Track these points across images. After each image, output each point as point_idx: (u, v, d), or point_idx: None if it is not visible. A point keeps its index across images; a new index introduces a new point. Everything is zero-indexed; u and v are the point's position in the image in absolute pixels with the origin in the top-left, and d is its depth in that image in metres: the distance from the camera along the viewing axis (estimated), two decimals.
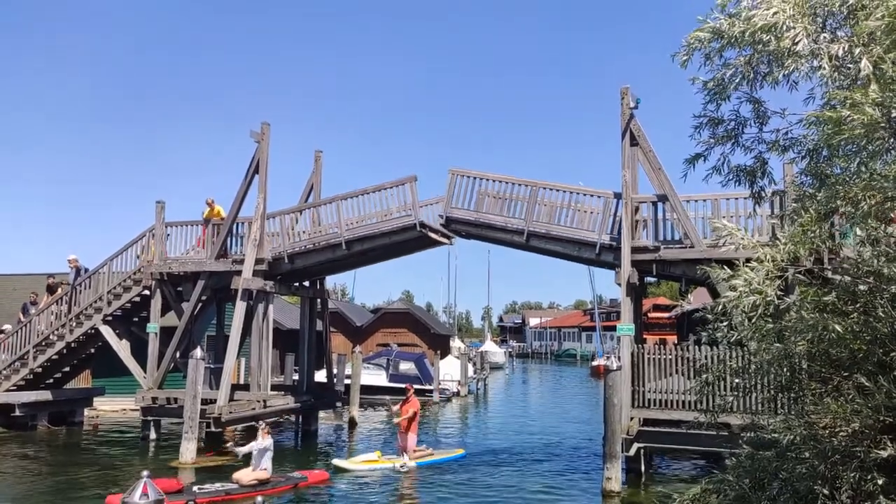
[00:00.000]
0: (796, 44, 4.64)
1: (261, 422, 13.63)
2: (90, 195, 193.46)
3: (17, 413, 19.79)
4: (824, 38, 4.85)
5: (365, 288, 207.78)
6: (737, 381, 6.93)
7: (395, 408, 16.46)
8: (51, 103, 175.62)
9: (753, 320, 4.65)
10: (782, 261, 4.70)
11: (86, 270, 20.56)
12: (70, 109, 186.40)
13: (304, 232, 18.92)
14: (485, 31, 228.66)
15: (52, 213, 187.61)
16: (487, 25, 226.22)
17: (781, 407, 6.15)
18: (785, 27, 4.66)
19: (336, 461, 15.64)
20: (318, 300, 22.24)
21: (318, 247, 18.57)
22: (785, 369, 5.06)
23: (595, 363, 58.54)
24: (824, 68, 4.67)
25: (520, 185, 16.47)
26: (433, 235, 18.14)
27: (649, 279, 17.82)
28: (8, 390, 20.13)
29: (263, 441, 13.05)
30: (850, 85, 4.67)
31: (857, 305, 4.67)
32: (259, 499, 8.39)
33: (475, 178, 16.87)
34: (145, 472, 9.44)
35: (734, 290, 4.58)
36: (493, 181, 16.77)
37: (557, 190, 16.24)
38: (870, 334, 4.53)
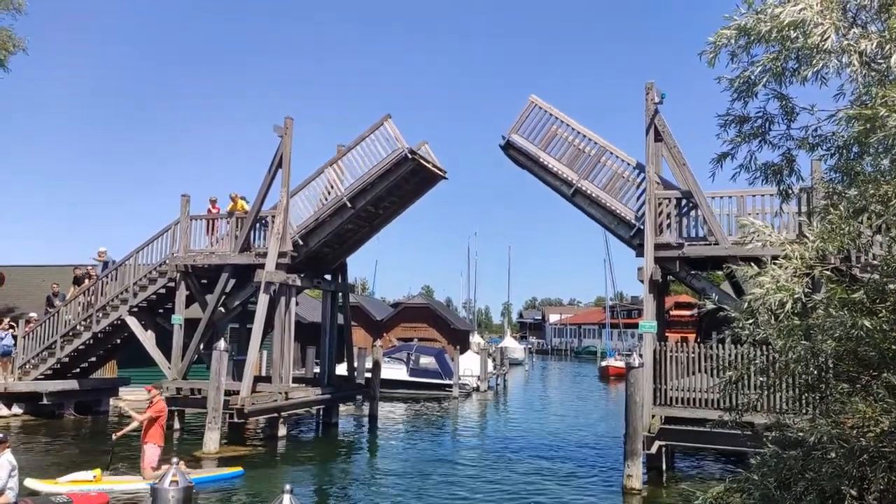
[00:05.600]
0: (825, 40, 4.58)
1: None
2: (115, 191, 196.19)
3: (45, 401, 20.26)
4: (854, 33, 4.78)
5: (385, 282, 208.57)
6: (761, 379, 6.86)
7: (117, 435, 13.63)
8: (74, 103, 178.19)
9: (780, 318, 4.60)
10: (810, 258, 4.65)
11: (114, 263, 20.91)
12: (92, 108, 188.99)
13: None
14: (496, 27, 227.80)
15: (79, 208, 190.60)
16: (497, 21, 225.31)
17: (808, 405, 6.09)
18: (813, 23, 4.60)
19: (29, 482, 11.51)
20: (340, 294, 22.38)
21: (325, 215, 18.57)
22: (812, 368, 5.01)
23: (604, 363, 51.58)
24: (854, 65, 4.60)
25: (590, 140, 16.23)
26: (427, 165, 18.40)
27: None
28: (36, 379, 20.58)
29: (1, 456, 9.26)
30: (881, 81, 4.60)
31: (887, 304, 4.61)
32: (287, 486, 7.83)
33: (551, 115, 16.59)
34: (174, 459, 9.51)
35: (761, 287, 4.54)
36: (567, 125, 16.46)
37: (622, 160, 15.97)
38: None
